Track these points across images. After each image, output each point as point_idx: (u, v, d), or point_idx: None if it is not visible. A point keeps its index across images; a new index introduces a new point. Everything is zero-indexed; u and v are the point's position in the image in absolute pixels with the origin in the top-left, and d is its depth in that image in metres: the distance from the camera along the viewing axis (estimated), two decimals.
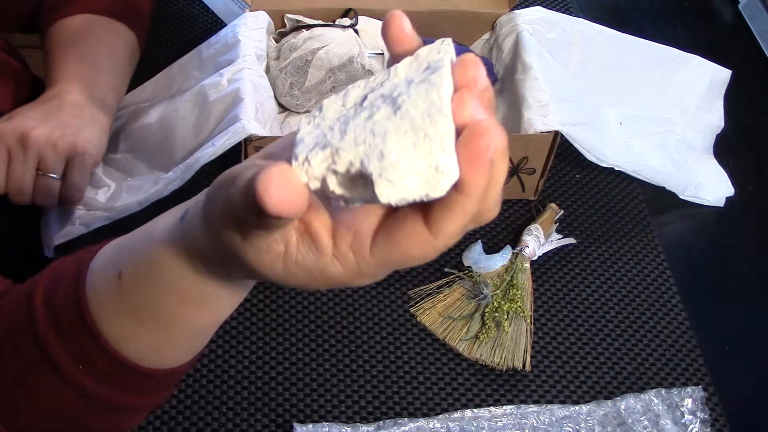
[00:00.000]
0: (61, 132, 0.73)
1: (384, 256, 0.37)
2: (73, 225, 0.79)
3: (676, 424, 0.71)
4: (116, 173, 0.82)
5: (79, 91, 0.78)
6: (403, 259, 0.37)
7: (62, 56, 0.81)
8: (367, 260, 0.37)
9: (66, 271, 0.48)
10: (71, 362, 0.46)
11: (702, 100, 0.98)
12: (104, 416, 0.49)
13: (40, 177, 0.73)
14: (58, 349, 0.46)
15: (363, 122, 0.35)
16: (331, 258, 0.38)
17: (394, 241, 0.37)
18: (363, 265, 0.38)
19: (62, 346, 0.46)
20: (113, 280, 0.46)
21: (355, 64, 0.87)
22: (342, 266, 0.38)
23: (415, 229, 0.36)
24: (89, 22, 0.84)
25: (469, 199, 0.34)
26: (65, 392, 0.47)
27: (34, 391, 0.48)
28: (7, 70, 0.83)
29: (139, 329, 0.46)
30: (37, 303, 0.47)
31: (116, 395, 0.47)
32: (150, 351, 0.47)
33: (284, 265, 0.38)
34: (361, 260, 0.37)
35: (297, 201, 0.34)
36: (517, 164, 0.83)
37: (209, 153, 0.75)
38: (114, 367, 0.46)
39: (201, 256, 0.43)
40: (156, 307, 0.45)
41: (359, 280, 0.39)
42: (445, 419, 0.70)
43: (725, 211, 0.90)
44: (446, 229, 0.35)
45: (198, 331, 0.48)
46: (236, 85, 0.79)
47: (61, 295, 0.47)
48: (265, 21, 0.90)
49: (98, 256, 0.48)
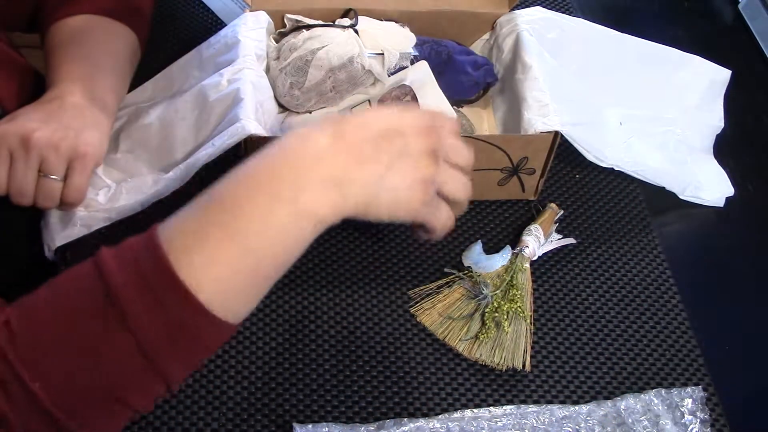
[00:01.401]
0: (63, 134, 0.73)
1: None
2: (74, 226, 0.79)
3: (676, 424, 0.71)
4: (116, 173, 0.82)
5: (80, 92, 0.78)
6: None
7: (63, 57, 0.81)
8: None
9: (128, 241, 0.52)
10: (141, 305, 0.48)
11: (702, 100, 0.98)
12: (139, 376, 0.50)
13: (41, 179, 0.73)
14: (128, 290, 0.49)
15: None
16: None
17: None
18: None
19: (135, 289, 0.49)
20: (202, 202, 0.53)
21: (355, 64, 0.87)
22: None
23: None
24: (90, 22, 0.84)
25: None
26: (123, 338, 0.48)
27: (88, 338, 0.49)
28: (12, 65, 0.83)
29: (214, 251, 0.50)
30: (106, 257, 0.50)
31: (165, 345, 0.49)
32: (223, 289, 0.50)
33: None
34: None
35: None
36: (517, 164, 0.83)
37: (209, 153, 0.75)
38: (178, 297, 0.49)
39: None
40: (236, 230, 0.51)
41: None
42: (445, 419, 0.70)
43: (725, 211, 0.90)
44: None
45: (272, 267, 0.53)
46: (236, 85, 0.79)
47: (134, 247, 0.51)
48: (265, 21, 0.90)
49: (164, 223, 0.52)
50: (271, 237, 0.52)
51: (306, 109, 0.91)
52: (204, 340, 0.51)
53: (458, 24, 0.95)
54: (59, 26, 0.84)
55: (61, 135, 0.73)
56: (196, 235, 0.51)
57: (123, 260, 0.50)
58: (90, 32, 0.84)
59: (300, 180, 0.52)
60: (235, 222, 0.51)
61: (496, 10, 0.94)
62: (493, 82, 0.93)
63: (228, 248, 0.50)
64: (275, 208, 0.51)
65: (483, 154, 0.81)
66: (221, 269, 0.50)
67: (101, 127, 0.78)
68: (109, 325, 0.48)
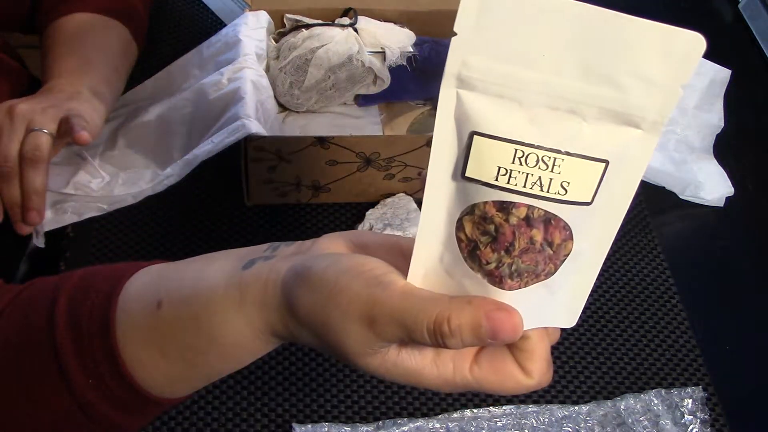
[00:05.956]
0: (50, 104, 0.73)
1: (481, 378, 0.39)
2: (65, 213, 0.79)
3: (676, 424, 0.71)
4: (113, 168, 0.82)
5: (69, 83, 0.78)
6: (497, 388, 0.40)
7: (55, 55, 0.81)
8: (464, 375, 0.40)
9: (96, 285, 0.47)
10: (82, 374, 0.45)
11: (702, 99, 0.98)
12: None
13: (28, 135, 0.71)
14: (71, 358, 0.45)
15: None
16: (431, 363, 0.40)
17: (496, 368, 0.40)
18: (458, 378, 0.40)
19: (77, 356, 0.45)
20: (150, 307, 0.45)
21: (355, 62, 0.87)
22: (438, 374, 0.40)
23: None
24: (82, 21, 0.84)
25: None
26: (67, 401, 0.46)
27: (36, 393, 0.47)
28: (5, 70, 0.83)
29: (161, 361, 0.46)
30: (60, 309, 0.46)
31: (115, 415, 0.47)
32: (164, 382, 0.47)
33: (383, 364, 0.40)
34: (458, 373, 0.40)
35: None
36: None
37: (208, 150, 0.75)
38: (124, 389, 0.46)
39: (267, 322, 0.43)
40: (186, 346, 0.45)
41: (446, 389, 0.40)
42: (444, 419, 0.70)
43: (725, 211, 0.90)
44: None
45: (216, 375, 0.48)
46: (236, 84, 0.79)
47: (88, 308, 0.46)
48: (266, 21, 0.90)
49: (135, 279, 0.47)
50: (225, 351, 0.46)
51: (306, 109, 0.91)
52: (142, 413, 0.49)
53: None
54: (54, 27, 0.84)
55: (48, 104, 0.72)
56: (148, 337, 0.46)
57: (73, 318, 0.46)
58: (83, 30, 0.84)
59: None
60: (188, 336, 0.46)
61: None
62: None
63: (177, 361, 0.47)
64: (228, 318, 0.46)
65: None
66: (170, 375, 0.47)
67: (94, 105, 0.77)
68: (62, 408, 0.46)
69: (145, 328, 0.45)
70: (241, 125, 0.75)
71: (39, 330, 0.46)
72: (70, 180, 0.79)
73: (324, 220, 0.85)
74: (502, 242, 0.36)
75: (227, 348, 0.45)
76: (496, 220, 0.36)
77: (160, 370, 0.46)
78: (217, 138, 0.75)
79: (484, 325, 0.36)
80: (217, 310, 0.44)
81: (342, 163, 0.80)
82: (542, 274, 0.37)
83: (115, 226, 0.81)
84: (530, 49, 0.34)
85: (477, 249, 0.37)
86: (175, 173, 0.77)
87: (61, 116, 0.72)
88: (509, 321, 0.36)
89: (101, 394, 0.46)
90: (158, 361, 0.46)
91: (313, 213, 0.85)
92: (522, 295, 0.37)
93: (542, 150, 0.35)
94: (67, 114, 0.73)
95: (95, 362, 0.45)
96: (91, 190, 0.79)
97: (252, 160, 0.78)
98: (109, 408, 0.46)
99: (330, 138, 0.77)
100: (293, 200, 0.85)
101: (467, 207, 0.37)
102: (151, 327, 0.45)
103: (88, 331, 0.46)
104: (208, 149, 0.75)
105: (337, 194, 0.84)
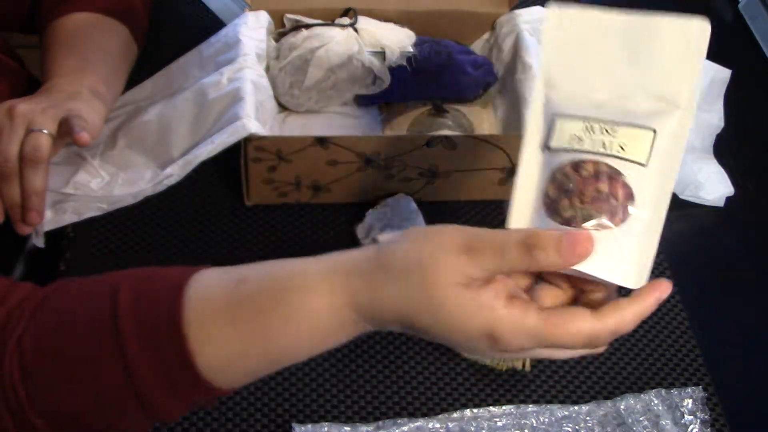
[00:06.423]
0: (50, 104, 0.73)
1: (550, 316, 0.44)
2: (65, 213, 0.79)
3: (676, 424, 0.71)
4: (112, 168, 0.82)
5: (68, 83, 0.78)
6: (563, 332, 0.44)
7: (54, 55, 0.81)
8: (533, 316, 0.44)
9: (163, 272, 0.50)
10: (137, 342, 0.47)
11: (702, 99, 0.98)
12: (133, 414, 0.49)
13: (28, 134, 0.71)
14: (133, 341, 0.47)
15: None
16: (505, 303, 0.44)
17: (565, 309, 0.46)
18: (528, 319, 0.44)
19: (137, 324, 0.47)
20: (230, 284, 0.48)
21: (355, 62, 0.87)
22: (509, 312, 0.44)
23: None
24: (82, 20, 0.84)
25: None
26: (119, 370, 0.47)
27: (90, 362, 0.48)
28: (5, 70, 0.83)
29: (231, 334, 0.47)
30: (124, 290, 0.48)
31: (160, 392, 0.48)
32: (223, 362, 0.48)
33: (465, 295, 0.44)
34: (528, 314, 0.44)
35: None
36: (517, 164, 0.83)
37: (208, 150, 0.75)
38: (178, 364, 0.47)
39: (351, 291, 0.47)
40: (262, 314, 0.47)
41: (510, 335, 0.44)
42: (444, 419, 0.70)
43: (725, 211, 0.90)
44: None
45: (277, 358, 0.50)
46: (236, 84, 0.79)
47: (155, 288, 0.49)
48: (266, 21, 0.90)
49: (207, 270, 0.50)
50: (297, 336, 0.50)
51: (306, 109, 0.91)
52: (189, 402, 0.50)
53: (458, 24, 0.95)
54: (54, 26, 0.84)
55: (48, 104, 0.73)
56: (222, 317, 0.49)
57: (142, 329, 0.48)
58: (82, 30, 0.84)
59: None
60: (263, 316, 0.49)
61: (496, 10, 0.94)
62: (493, 82, 0.93)
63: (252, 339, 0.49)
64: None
65: (483, 154, 0.81)
66: (234, 351, 0.49)
67: (93, 105, 0.77)
68: (114, 382, 0.48)
69: (221, 301, 0.48)
70: (241, 125, 0.75)
71: (101, 304, 0.49)
72: (70, 180, 0.79)
73: (324, 220, 0.85)
74: (575, 192, 0.46)
75: (302, 322, 0.47)
76: (571, 176, 0.47)
77: (226, 344, 0.48)
78: (217, 138, 0.75)
79: (564, 239, 0.43)
80: (302, 283, 0.47)
81: (342, 163, 0.80)
82: (610, 224, 0.46)
83: (115, 226, 0.81)
84: (594, 54, 0.49)
85: (557, 203, 0.47)
86: (175, 173, 0.77)
87: (61, 116, 0.73)
88: (584, 235, 0.44)
89: (153, 365, 0.47)
90: (227, 334, 0.47)
91: (313, 213, 0.85)
92: (599, 244, 0.45)
93: (604, 122, 0.47)
94: (67, 114, 0.73)
95: (156, 329, 0.47)
96: (91, 190, 0.79)
97: (252, 160, 0.78)
98: (156, 382, 0.47)
99: (330, 138, 0.77)
100: (293, 200, 0.85)
101: (550, 174, 0.48)
102: (228, 300, 0.48)
103: (152, 303, 0.48)
104: (208, 149, 0.75)
105: (337, 194, 0.84)
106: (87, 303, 0.50)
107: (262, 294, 0.48)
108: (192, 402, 0.50)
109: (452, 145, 0.80)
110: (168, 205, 0.84)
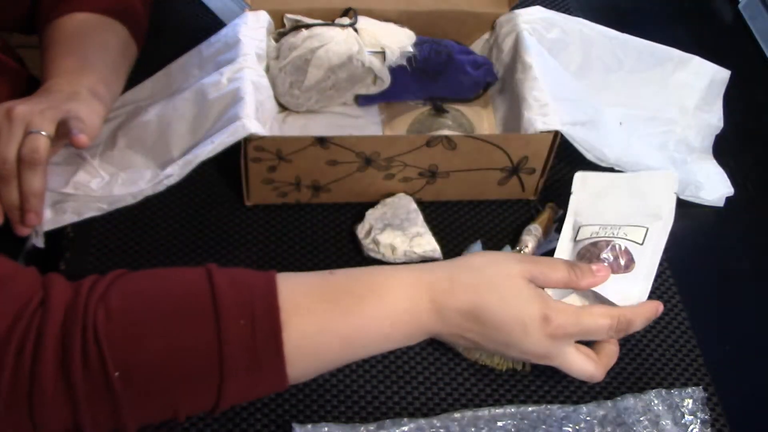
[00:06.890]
0: (48, 104, 0.73)
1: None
2: (64, 213, 0.78)
3: (676, 424, 0.71)
4: (112, 168, 0.82)
5: (67, 83, 0.78)
6: (583, 331, 0.64)
7: (53, 55, 0.81)
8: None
9: (247, 273, 0.57)
10: (236, 323, 0.53)
11: (702, 100, 0.98)
12: (205, 382, 0.54)
13: (27, 135, 0.71)
14: (231, 309, 0.53)
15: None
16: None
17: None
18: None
19: (236, 306, 0.53)
20: (320, 275, 0.59)
21: (355, 62, 0.86)
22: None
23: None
24: (81, 20, 0.84)
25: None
26: (211, 336, 0.52)
27: (184, 327, 0.53)
28: (5, 70, 0.83)
29: (318, 305, 0.56)
30: (219, 278, 0.55)
31: (241, 369, 0.53)
32: (305, 336, 0.56)
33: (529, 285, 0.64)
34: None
35: None
36: (517, 164, 0.83)
37: (208, 150, 0.75)
38: (265, 332, 0.53)
39: (429, 281, 0.61)
40: (348, 293, 0.58)
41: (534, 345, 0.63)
42: (445, 419, 0.70)
43: (725, 211, 0.90)
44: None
45: (348, 341, 0.58)
46: (236, 84, 0.79)
47: (247, 281, 0.56)
48: (266, 21, 0.89)
49: (283, 274, 0.58)
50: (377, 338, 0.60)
51: (306, 109, 0.91)
52: (262, 390, 0.58)
53: (458, 24, 0.95)
54: (53, 26, 0.84)
55: (47, 105, 0.73)
56: (316, 304, 0.58)
57: (239, 296, 0.54)
58: (82, 30, 0.84)
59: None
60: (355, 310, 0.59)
61: (496, 10, 0.94)
62: (493, 82, 0.93)
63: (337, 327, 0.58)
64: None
65: (483, 154, 0.81)
66: (316, 325, 0.57)
67: (92, 106, 0.77)
68: (203, 339, 0.52)
69: (312, 284, 0.58)
70: (241, 125, 0.75)
71: (196, 276, 0.55)
72: (70, 180, 0.79)
73: (324, 220, 0.85)
74: (595, 255, 0.71)
75: (382, 300, 0.58)
76: (590, 249, 0.72)
77: (310, 316, 0.56)
78: (217, 138, 0.75)
79: (594, 266, 0.69)
80: (391, 272, 0.61)
81: (342, 163, 0.80)
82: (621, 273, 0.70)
83: (115, 226, 0.81)
84: (605, 197, 0.78)
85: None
86: (175, 173, 0.77)
87: (60, 117, 0.72)
88: (604, 267, 0.69)
89: (243, 334, 0.53)
90: (314, 308, 0.56)
91: (313, 213, 0.85)
92: (613, 281, 0.69)
93: (612, 226, 0.74)
94: (66, 115, 0.73)
95: (251, 303, 0.54)
96: (90, 190, 0.79)
97: (252, 160, 0.78)
98: (240, 350, 0.53)
99: (330, 138, 0.77)
100: (293, 200, 0.85)
101: (576, 253, 0.73)
102: (318, 283, 0.58)
103: (247, 284, 0.55)
104: (208, 149, 0.75)
105: (337, 194, 0.84)
106: (179, 276, 0.56)
107: (350, 278, 0.59)
108: (257, 385, 0.55)
109: (452, 145, 0.80)
110: (168, 205, 0.84)
